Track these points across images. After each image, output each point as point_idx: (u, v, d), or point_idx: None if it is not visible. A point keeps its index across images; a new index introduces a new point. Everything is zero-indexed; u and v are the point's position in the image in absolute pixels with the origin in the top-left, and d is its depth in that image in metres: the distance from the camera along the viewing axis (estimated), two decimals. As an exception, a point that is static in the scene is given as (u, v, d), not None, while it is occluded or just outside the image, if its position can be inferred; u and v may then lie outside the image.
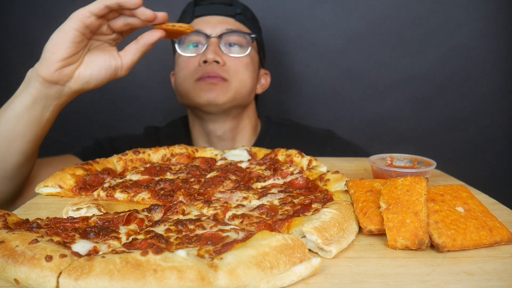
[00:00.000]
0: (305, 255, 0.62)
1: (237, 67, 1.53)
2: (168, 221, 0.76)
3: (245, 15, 1.60)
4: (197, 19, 1.56)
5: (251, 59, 1.58)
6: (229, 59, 1.52)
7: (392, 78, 2.10)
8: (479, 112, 2.14)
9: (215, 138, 1.63)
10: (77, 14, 1.00)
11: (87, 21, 1.00)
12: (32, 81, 1.03)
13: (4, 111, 1.07)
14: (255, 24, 1.65)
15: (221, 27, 1.52)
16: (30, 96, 1.04)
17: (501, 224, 0.77)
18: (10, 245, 0.60)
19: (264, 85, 1.74)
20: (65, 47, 1.00)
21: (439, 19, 2.04)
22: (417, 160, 1.13)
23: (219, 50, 1.51)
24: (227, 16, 1.56)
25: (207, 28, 1.52)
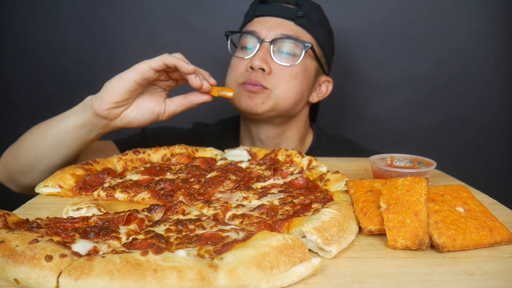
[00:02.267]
0: (305, 255, 0.62)
1: (284, 76, 1.45)
2: (168, 221, 0.76)
3: (309, 18, 1.50)
4: (256, 19, 1.51)
5: (304, 68, 1.49)
6: (277, 67, 1.45)
7: (392, 78, 2.10)
8: (479, 112, 2.14)
9: (258, 142, 1.61)
10: (139, 67, 1.12)
11: (146, 74, 1.12)
12: (87, 109, 1.17)
13: (58, 122, 1.23)
14: (320, 28, 1.54)
15: (276, 31, 1.45)
16: (81, 119, 1.18)
17: (501, 224, 0.77)
18: (10, 245, 0.60)
19: (323, 93, 1.64)
20: (120, 94, 1.13)
21: (439, 19, 2.04)
22: (417, 160, 1.13)
23: (268, 56, 1.45)
24: (287, 18, 1.48)
25: (263, 30, 1.46)
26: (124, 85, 1.12)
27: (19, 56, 2.06)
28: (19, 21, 2.01)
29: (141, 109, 1.19)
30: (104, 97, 1.13)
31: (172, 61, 1.12)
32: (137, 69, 1.12)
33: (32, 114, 2.12)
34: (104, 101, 1.13)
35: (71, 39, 2.04)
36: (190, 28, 2.03)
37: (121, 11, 2.02)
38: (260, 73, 1.44)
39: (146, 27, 2.05)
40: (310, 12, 1.51)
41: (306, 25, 1.49)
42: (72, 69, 2.07)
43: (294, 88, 1.48)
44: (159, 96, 1.22)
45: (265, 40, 1.45)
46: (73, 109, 1.22)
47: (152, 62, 1.12)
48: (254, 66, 1.43)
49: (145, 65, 1.12)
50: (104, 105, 1.13)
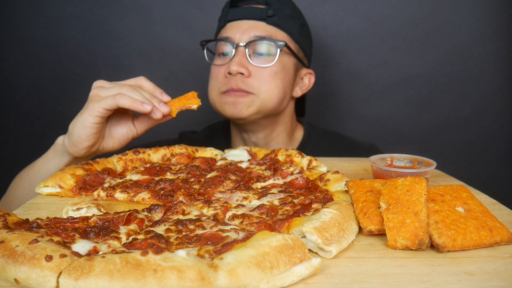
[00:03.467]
0: (305, 255, 0.62)
1: (264, 77, 1.46)
2: (168, 221, 0.76)
3: (279, 15, 1.50)
4: (229, 24, 1.52)
5: (282, 66, 1.49)
6: (255, 69, 1.46)
7: (392, 78, 2.10)
8: (479, 112, 2.14)
9: (250, 143, 1.63)
10: (94, 110, 1.13)
11: (104, 114, 1.15)
12: (64, 154, 1.22)
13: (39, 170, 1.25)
14: (293, 22, 1.54)
15: (249, 34, 1.46)
16: (62, 163, 1.22)
17: (501, 224, 0.77)
18: (10, 245, 0.60)
19: (306, 85, 1.65)
20: (89, 139, 1.17)
21: (439, 19, 2.04)
22: (417, 160, 1.13)
23: (245, 60, 1.45)
24: (258, 19, 1.48)
25: (237, 34, 1.47)
26: (89, 130, 1.15)
27: (19, 56, 2.06)
28: (19, 21, 2.02)
29: (115, 138, 1.24)
30: (77, 145, 1.17)
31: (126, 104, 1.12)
32: (93, 112, 1.13)
33: (32, 114, 2.13)
34: (78, 148, 1.17)
35: (71, 39, 2.04)
36: (190, 28, 2.03)
37: (121, 11, 2.02)
38: (239, 78, 1.45)
39: (146, 27, 2.05)
40: (280, 9, 1.51)
41: (278, 23, 1.50)
42: (72, 69, 2.07)
43: (276, 88, 1.49)
44: (126, 119, 1.25)
45: (239, 44, 1.46)
46: (48, 154, 1.26)
47: (105, 104, 1.12)
48: (232, 72, 1.44)
49: (99, 108, 1.13)
50: (80, 151, 1.18)
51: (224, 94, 1.48)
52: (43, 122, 2.11)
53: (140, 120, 1.26)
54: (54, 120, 2.07)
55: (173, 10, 2.03)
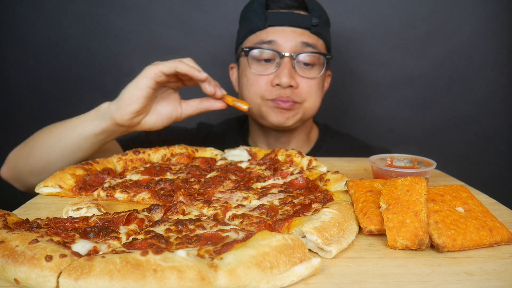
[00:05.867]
0: (305, 255, 0.62)
1: (311, 88, 1.48)
2: (168, 221, 0.76)
3: (321, 24, 1.49)
4: (271, 28, 1.46)
5: (323, 76, 1.54)
6: (302, 80, 1.46)
7: (392, 78, 2.10)
8: (479, 112, 2.14)
9: (272, 138, 1.63)
10: (150, 72, 1.15)
11: (159, 79, 1.16)
12: (106, 117, 1.20)
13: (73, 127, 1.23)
14: (328, 29, 1.56)
15: (296, 43, 1.43)
16: (100, 127, 1.20)
17: (501, 224, 0.77)
18: (10, 245, 0.60)
19: (326, 87, 1.66)
20: (140, 102, 1.16)
21: (439, 19, 2.04)
22: (417, 160, 1.13)
23: (292, 71, 1.44)
24: (303, 28, 1.46)
25: (281, 42, 1.44)
26: (141, 93, 1.15)
27: (20, 56, 2.06)
28: (19, 21, 2.01)
29: (160, 115, 1.24)
30: (124, 107, 1.16)
31: (184, 69, 1.16)
32: (149, 75, 1.15)
33: (32, 114, 2.13)
34: (125, 111, 1.16)
35: (71, 39, 2.04)
36: (190, 28, 2.03)
37: (121, 11, 2.02)
38: (289, 90, 1.44)
39: (146, 27, 2.05)
40: (321, 17, 1.50)
41: (320, 32, 1.49)
42: (72, 69, 2.07)
43: (319, 97, 1.54)
44: (174, 99, 1.26)
45: (285, 55, 1.43)
46: (88, 115, 1.23)
47: (163, 67, 1.15)
48: (282, 84, 1.42)
49: (157, 70, 1.15)
50: (125, 116, 1.17)
51: (270, 102, 1.47)
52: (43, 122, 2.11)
53: (188, 103, 1.27)
54: (54, 120, 2.06)
55: (173, 10, 2.03)
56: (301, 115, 1.50)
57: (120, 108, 1.16)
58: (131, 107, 1.16)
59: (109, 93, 2.17)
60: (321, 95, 1.56)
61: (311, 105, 1.51)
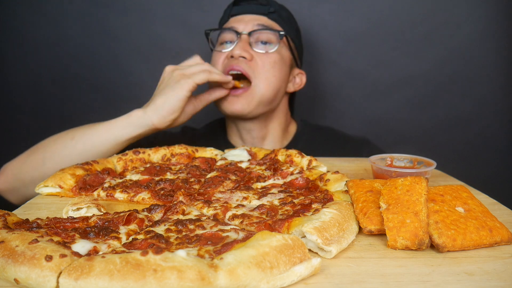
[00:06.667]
0: (305, 255, 0.62)
1: (263, 64, 1.52)
2: (168, 221, 0.76)
3: (280, 14, 1.61)
4: (232, 18, 1.61)
5: (281, 57, 1.57)
6: (257, 56, 1.53)
7: (392, 78, 2.10)
8: (479, 112, 2.14)
9: (247, 136, 1.67)
10: (188, 86, 1.33)
11: (194, 89, 1.35)
12: (143, 125, 1.32)
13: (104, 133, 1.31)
14: (290, 24, 1.65)
15: (253, 24, 1.54)
16: (136, 133, 1.32)
17: (501, 224, 0.77)
18: (10, 245, 0.60)
19: (298, 84, 1.72)
20: (179, 111, 1.34)
21: (439, 19, 2.04)
22: (417, 160, 1.13)
23: (247, 46, 1.52)
24: (260, 14, 1.58)
25: (240, 26, 1.55)
26: (181, 104, 1.32)
27: (20, 56, 2.06)
28: (19, 21, 2.01)
29: (186, 114, 1.40)
30: (167, 116, 1.32)
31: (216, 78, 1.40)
32: (186, 87, 1.32)
33: (32, 114, 2.13)
34: (166, 118, 1.32)
35: (71, 39, 2.04)
36: (190, 28, 2.03)
37: (121, 11, 2.02)
38: (242, 60, 1.51)
39: (146, 27, 2.05)
40: (279, 10, 1.63)
41: (278, 20, 1.60)
42: (72, 69, 2.07)
43: (273, 77, 1.55)
44: (191, 98, 1.42)
45: (243, 33, 1.53)
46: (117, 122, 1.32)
47: (197, 79, 1.34)
48: (234, 55, 1.51)
49: (193, 83, 1.33)
50: (166, 122, 1.33)
51: None
52: (43, 122, 2.11)
53: (199, 98, 1.44)
54: (54, 120, 2.07)
55: (173, 10, 2.03)
56: (257, 100, 1.52)
57: (161, 117, 1.31)
58: (173, 115, 1.32)
59: (109, 93, 2.17)
60: (277, 78, 1.56)
61: (266, 83, 1.52)
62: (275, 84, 1.55)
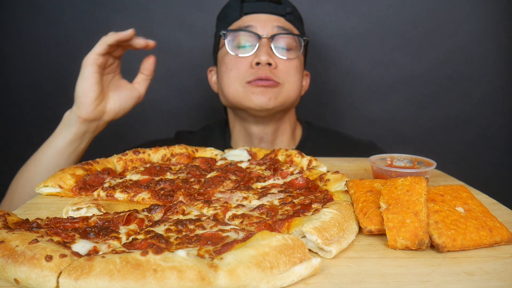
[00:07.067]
0: (305, 255, 0.62)
1: (288, 70, 1.48)
2: (168, 221, 0.76)
3: (294, 15, 1.56)
4: (246, 17, 1.51)
5: (300, 62, 1.54)
6: (281, 62, 1.48)
7: (392, 78, 2.10)
8: (479, 112, 2.14)
9: (256, 140, 1.61)
10: (90, 59, 1.23)
11: (99, 62, 1.23)
12: (72, 122, 1.26)
13: (46, 149, 1.29)
14: (302, 25, 1.61)
15: (272, 26, 1.47)
16: (71, 134, 1.27)
17: (501, 224, 0.77)
18: (10, 245, 0.60)
19: (305, 87, 1.68)
20: (93, 90, 1.23)
21: (439, 19, 2.04)
22: (417, 160, 1.13)
23: (271, 51, 1.46)
24: (277, 15, 1.51)
25: (258, 27, 1.48)
26: (90, 81, 1.22)
27: (19, 56, 2.06)
28: (19, 21, 2.01)
29: (120, 98, 1.31)
30: (83, 101, 1.23)
31: (113, 39, 1.23)
32: (89, 62, 1.22)
33: (32, 114, 2.13)
34: (85, 104, 1.23)
35: (71, 39, 2.04)
36: (190, 28, 2.03)
37: (121, 11, 2.02)
38: (267, 69, 1.45)
39: (146, 27, 2.04)
40: (294, 10, 1.57)
41: (293, 21, 1.54)
42: (72, 69, 2.05)
43: (298, 81, 1.52)
44: (125, 83, 1.35)
45: (263, 36, 1.46)
46: (55, 132, 1.30)
47: (97, 49, 1.22)
48: (261, 62, 1.43)
49: (93, 54, 1.22)
50: (88, 107, 1.23)
51: (250, 84, 1.46)
52: (43, 122, 2.11)
53: (137, 81, 1.36)
54: (54, 120, 2.06)
55: (173, 10, 2.03)
56: (283, 99, 1.48)
57: (80, 103, 1.23)
58: (88, 97, 1.22)
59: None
60: (300, 82, 1.54)
61: (291, 88, 1.49)
62: (298, 88, 1.54)
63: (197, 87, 1.87)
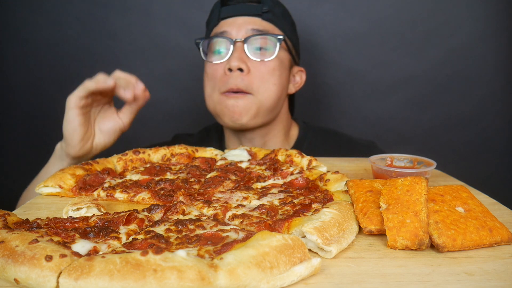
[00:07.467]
0: (305, 255, 0.62)
1: (262, 75, 1.45)
2: (168, 221, 0.76)
3: (274, 13, 1.50)
4: (223, 21, 1.50)
5: (280, 61, 1.49)
6: (255, 65, 1.44)
7: (392, 78, 2.10)
8: (479, 112, 2.15)
9: (247, 143, 1.60)
10: (71, 102, 1.20)
11: (81, 104, 1.19)
12: (64, 158, 1.28)
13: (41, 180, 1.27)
14: (285, 20, 1.55)
15: (247, 29, 1.45)
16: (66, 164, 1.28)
17: (501, 224, 0.77)
18: (10, 245, 0.60)
19: (299, 83, 1.64)
20: (77, 132, 1.21)
21: (439, 19, 2.04)
22: (417, 160, 1.13)
23: (244, 55, 1.44)
24: (253, 15, 1.48)
25: (233, 31, 1.46)
26: (74, 124, 1.20)
27: (19, 56, 2.06)
28: (19, 21, 2.01)
29: (104, 133, 1.29)
30: (70, 142, 1.22)
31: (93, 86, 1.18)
32: (71, 105, 1.20)
33: (32, 114, 2.13)
34: (72, 145, 1.23)
35: (71, 39, 2.04)
36: (190, 28, 2.03)
37: (121, 11, 2.02)
38: (239, 75, 1.43)
39: (146, 27, 2.05)
40: (273, 6, 1.51)
41: (272, 19, 1.49)
42: (72, 69, 2.07)
43: (274, 85, 1.48)
44: (111, 113, 1.30)
45: (237, 40, 1.44)
46: (49, 164, 1.32)
47: (78, 92, 1.19)
48: (232, 67, 1.42)
49: (74, 97, 1.19)
50: (75, 148, 1.23)
51: (223, 95, 1.46)
52: (43, 122, 2.11)
53: (123, 111, 1.30)
54: (54, 120, 2.06)
55: (173, 10, 2.03)
56: (255, 109, 1.46)
57: (67, 144, 1.23)
58: (74, 139, 1.21)
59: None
60: (279, 84, 1.49)
61: (265, 95, 1.46)
62: (275, 92, 1.48)
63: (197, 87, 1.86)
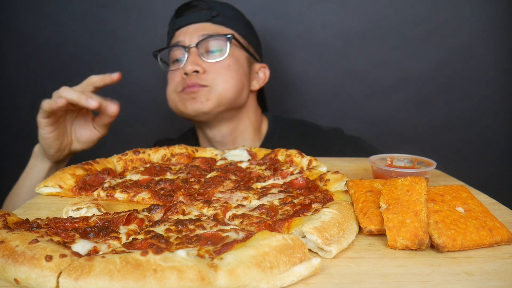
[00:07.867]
0: (305, 255, 0.62)
1: (218, 71, 1.51)
2: (168, 221, 0.76)
3: (224, 15, 1.58)
4: (177, 32, 1.59)
5: (234, 59, 1.55)
6: (210, 66, 1.51)
7: (392, 78, 2.10)
8: (479, 112, 2.14)
9: (216, 143, 1.65)
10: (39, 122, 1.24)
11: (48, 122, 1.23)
12: (44, 160, 1.32)
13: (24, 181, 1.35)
14: (237, 21, 1.62)
15: (198, 35, 1.52)
16: (44, 169, 1.33)
17: (501, 224, 0.77)
18: (10, 245, 0.60)
19: (262, 79, 1.69)
20: (53, 146, 1.26)
21: (439, 19, 2.04)
22: (417, 160, 1.13)
23: (198, 59, 1.51)
24: (204, 21, 1.55)
25: (186, 39, 1.53)
26: (48, 140, 1.25)
27: (20, 56, 2.06)
28: (19, 21, 2.02)
29: (82, 142, 1.34)
30: (47, 152, 1.28)
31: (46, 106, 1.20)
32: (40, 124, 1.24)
33: (32, 114, 2.12)
34: (50, 154, 1.28)
35: (71, 39, 2.04)
36: (190, 28, 2.03)
37: (121, 11, 2.02)
38: (195, 76, 1.49)
39: (146, 27, 2.05)
40: (222, 10, 1.59)
41: (223, 21, 1.57)
42: (72, 69, 2.07)
43: (232, 79, 1.53)
44: (87, 122, 1.34)
45: (190, 46, 1.51)
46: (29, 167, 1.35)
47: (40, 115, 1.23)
48: (187, 71, 1.49)
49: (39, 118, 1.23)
50: (53, 157, 1.29)
51: (181, 93, 1.52)
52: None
53: (96, 121, 1.33)
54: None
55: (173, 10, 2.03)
56: (216, 98, 1.50)
57: (46, 153, 1.29)
58: (51, 151, 1.27)
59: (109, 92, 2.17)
60: (237, 78, 1.54)
61: (224, 86, 1.51)
62: (234, 85, 1.53)
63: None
